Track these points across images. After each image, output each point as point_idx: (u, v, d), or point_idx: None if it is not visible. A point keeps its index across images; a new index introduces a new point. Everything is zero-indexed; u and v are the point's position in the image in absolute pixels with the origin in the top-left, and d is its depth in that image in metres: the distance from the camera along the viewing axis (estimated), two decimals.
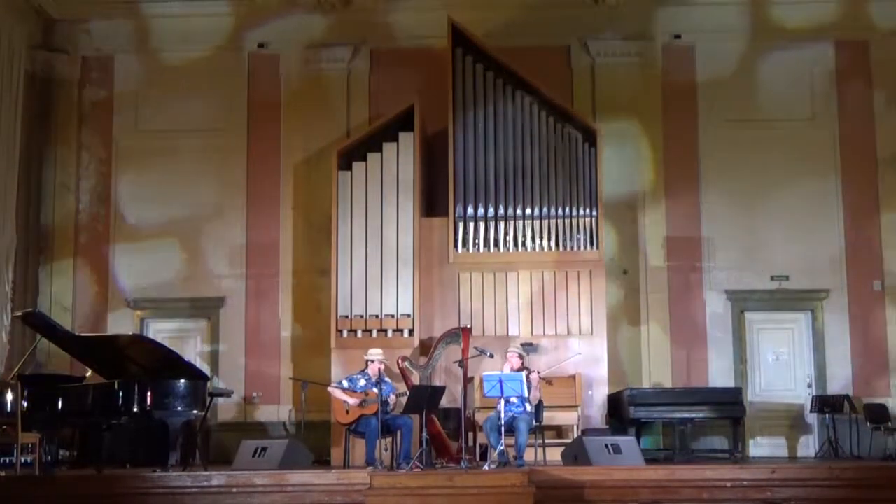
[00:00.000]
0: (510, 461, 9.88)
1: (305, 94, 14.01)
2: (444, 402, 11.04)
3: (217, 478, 9.36)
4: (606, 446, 10.02)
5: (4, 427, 9.90)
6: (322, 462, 11.75)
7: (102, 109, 14.22)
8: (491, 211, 12.65)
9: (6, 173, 13.00)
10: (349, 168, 12.78)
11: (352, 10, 14.07)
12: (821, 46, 13.94)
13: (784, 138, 13.79)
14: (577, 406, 11.81)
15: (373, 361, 10.70)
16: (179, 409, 10.13)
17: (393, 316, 12.44)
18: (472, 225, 12.62)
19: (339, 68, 14.07)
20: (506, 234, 12.61)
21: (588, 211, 12.61)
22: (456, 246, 12.62)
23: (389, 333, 12.41)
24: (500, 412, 9.84)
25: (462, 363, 11.17)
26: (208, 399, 10.64)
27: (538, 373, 10.39)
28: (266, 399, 13.51)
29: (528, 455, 10.32)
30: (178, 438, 10.65)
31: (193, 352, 13.55)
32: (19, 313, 11.13)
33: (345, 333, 12.43)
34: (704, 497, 9.18)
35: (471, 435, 11.20)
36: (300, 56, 14.10)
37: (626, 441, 10.33)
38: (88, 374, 11.14)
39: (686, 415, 12.09)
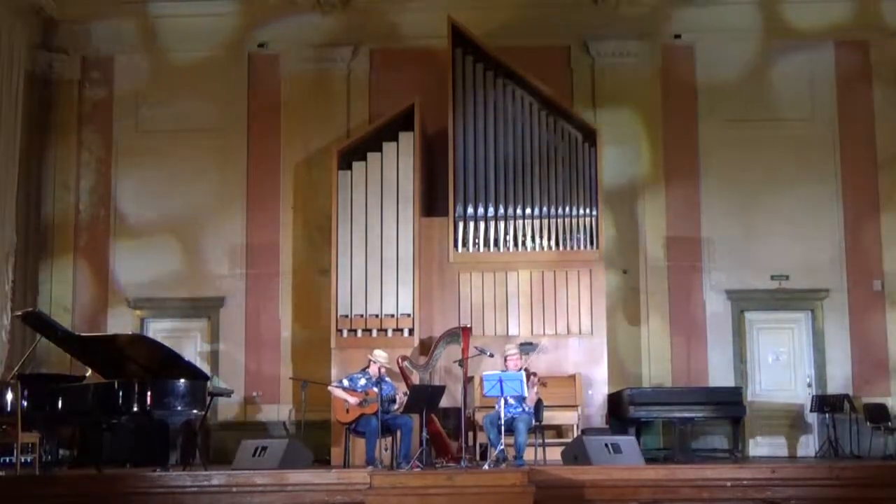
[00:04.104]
0: (510, 461, 9.87)
1: (305, 94, 14.01)
2: (444, 402, 11.03)
3: (217, 477, 9.35)
4: (606, 446, 10.01)
5: (4, 427, 9.89)
6: (322, 461, 11.75)
7: (102, 109, 14.23)
8: (491, 211, 12.65)
9: (6, 173, 13.00)
10: (349, 168, 12.78)
11: (352, 10, 14.08)
12: (821, 46, 13.94)
13: (784, 138, 13.79)
14: (577, 406, 11.81)
15: (375, 362, 10.69)
16: (179, 408, 10.13)
17: (393, 316, 12.44)
18: (472, 225, 12.62)
19: (339, 68, 14.07)
20: (506, 233, 12.61)
21: (588, 210, 12.61)
22: (456, 246, 12.62)
23: (389, 333, 12.41)
24: (499, 411, 9.83)
25: (462, 363, 11.17)
26: (208, 399, 10.66)
27: (535, 374, 10.39)
28: (266, 399, 13.52)
29: (528, 454, 10.31)
30: (178, 438, 10.65)
31: (193, 352, 13.55)
32: (19, 313, 11.13)
33: (345, 333, 12.43)
34: (704, 497, 9.17)
35: (471, 434, 11.21)
36: (300, 56, 14.10)
37: (626, 440, 10.31)
38: (88, 373, 11.14)
39: (686, 414, 12.09)
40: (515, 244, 12.59)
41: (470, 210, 12.64)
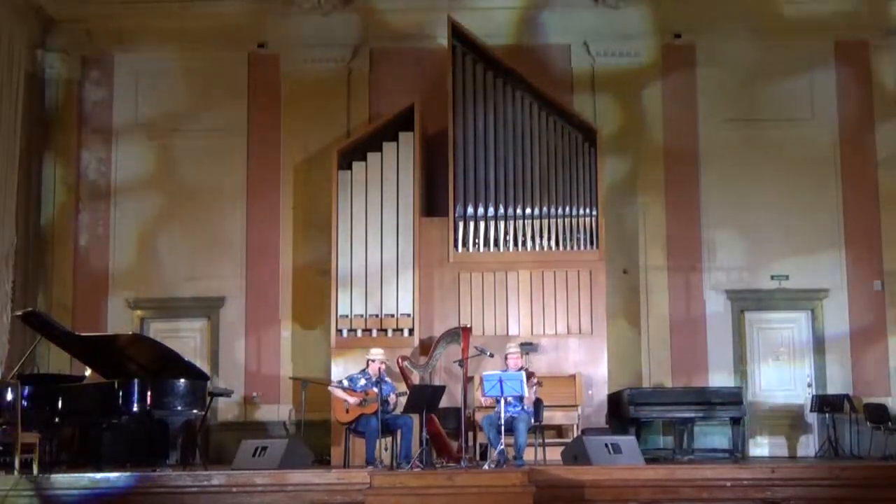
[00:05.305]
0: (510, 461, 9.87)
1: (305, 94, 14.00)
2: (444, 402, 11.03)
3: (217, 477, 9.35)
4: (606, 446, 10.01)
5: (4, 427, 9.88)
6: (322, 461, 11.75)
7: (102, 109, 14.22)
8: (491, 211, 12.65)
9: (6, 173, 13.00)
10: (349, 168, 12.79)
11: (352, 10, 14.06)
12: (821, 46, 13.94)
13: (784, 138, 13.79)
14: (577, 406, 11.82)
15: (373, 361, 10.70)
16: (179, 408, 10.14)
17: (393, 316, 12.44)
18: (472, 225, 12.63)
19: (339, 68, 14.07)
20: (506, 233, 12.61)
21: (588, 211, 12.61)
22: (456, 246, 12.62)
23: (389, 333, 12.41)
24: (499, 412, 9.84)
25: (462, 363, 11.17)
26: (208, 398, 10.66)
27: (534, 374, 10.39)
28: (266, 399, 13.51)
29: (528, 454, 10.32)
30: (178, 438, 10.68)
31: (193, 352, 13.53)
32: (19, 313, 11.13)
33: (345, 333, 12.43)
34: (704, 497, 9.17)
35: (471, 434, 11.22)
36: (300, 56, 14.09)
37: (626, 440, 10.32)
38: (88, 373, 11.15)
39: (686, 414, 12.11)
40: (515, 244, 12.59)
41: (470, 210, 12.64)
